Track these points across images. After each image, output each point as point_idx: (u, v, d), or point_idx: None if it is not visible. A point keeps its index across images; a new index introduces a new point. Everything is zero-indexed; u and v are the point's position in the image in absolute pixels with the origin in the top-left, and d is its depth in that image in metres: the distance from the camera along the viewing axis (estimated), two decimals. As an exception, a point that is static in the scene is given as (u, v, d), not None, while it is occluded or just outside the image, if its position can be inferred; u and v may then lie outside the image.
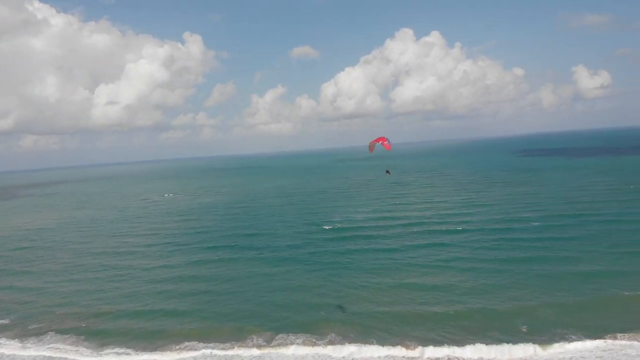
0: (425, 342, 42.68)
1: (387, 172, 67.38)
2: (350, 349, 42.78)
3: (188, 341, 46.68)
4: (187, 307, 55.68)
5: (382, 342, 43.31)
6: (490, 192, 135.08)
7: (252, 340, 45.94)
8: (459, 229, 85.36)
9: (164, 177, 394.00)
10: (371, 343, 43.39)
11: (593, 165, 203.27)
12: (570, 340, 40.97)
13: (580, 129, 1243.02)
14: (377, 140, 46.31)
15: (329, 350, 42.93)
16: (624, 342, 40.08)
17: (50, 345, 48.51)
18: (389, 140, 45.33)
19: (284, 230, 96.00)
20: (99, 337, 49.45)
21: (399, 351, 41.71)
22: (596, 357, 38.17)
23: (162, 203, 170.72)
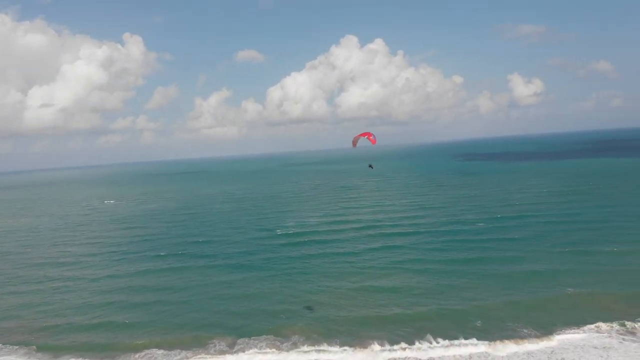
0: (386, 343, 43.42)
1: (370, 166, 68.13)
2: (313, 355, 42.78)
3: (148, 349, 45.05)
4: (141, 318, 53.53)
5: (344, 345, 43.63)
6: (436, 195, 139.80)
7: (215, 346, 45.10)
8: (410, 231, 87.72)
9: (103, 183, 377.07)
10: (334, 345, 43.65)
11: (529, 169, 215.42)
12: (522, 336, 43.11)
13: (516, 135, 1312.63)
14: (363, 134, 46.75)
15: (293, 356, 42.73)
16: (569, 336, 42.65)
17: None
18: (374, 136, 45.95)
19: (236, 237, 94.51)
20: (51, 352, 46.64)
21: (360, 353, 42.18)
22: (548, 351, 40.38)
23: (103, 210, 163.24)
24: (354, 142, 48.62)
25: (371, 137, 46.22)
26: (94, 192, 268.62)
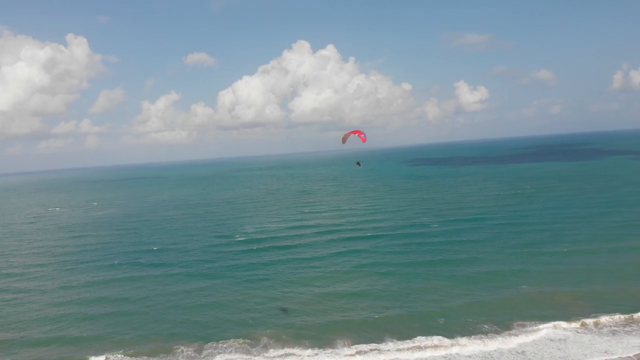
0: (354, 345, 44.00)
1: (358, 163, 68.66)
2: (283, 360, 42.78)
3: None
4: (99, 330, 51.36)
5: (314, 348, 43.88)
6: (392, 198, 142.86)
7: (183, 353, 44.21)
8: (370, 235, 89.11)
9: (46, 189, 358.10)
10: (304, 349, 43.80)
11: (477, 173, 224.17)
12: (484, 332, 44.96)
13: (462, 140, 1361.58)
14: (354, 132, 46.95)
15: (263, 363, 42.51)
16: (528, 330, 44.89)
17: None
18: (365, 134, 46.30)
19: (192, 244, 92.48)
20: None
21: (330, 356, 42.56)
22: (508, 346, 42.32)
23: (49, 218, 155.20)
24: (344, 140, 48.97)
25: (362, 136, 46.76)
26: (37, 199, 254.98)
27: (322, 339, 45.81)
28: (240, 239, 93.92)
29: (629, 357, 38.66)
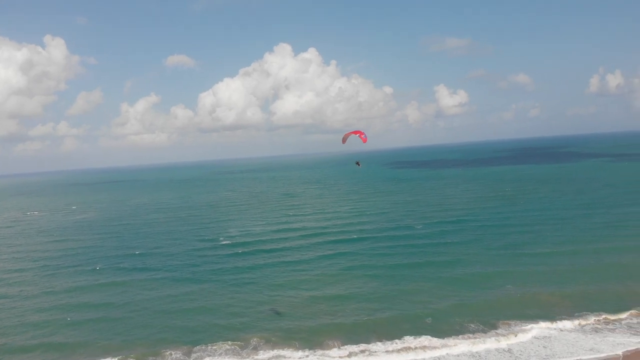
0: (344, 347, 44.19)
1: (357, 163, 68.78)
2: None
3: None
4: (83, 336, 50.38)
5: (305, 350, 43.95)
6: (376, 201, 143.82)
7: (171, 356, 43.82)
8: (355, 238, 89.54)
9: (23, 193, 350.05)
10: (294, 351, 43.79)
11: (458, 176, 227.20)
12: (471, 331, 45.65)
13: (443, 143, 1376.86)
14: (355, 132, 47.01)
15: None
16: (513, 329, 45.72)
17: None
18: (365, 134, 46.45)
19: (176, 248, 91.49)
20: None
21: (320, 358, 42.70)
22: (495, 344, 43.01)
23: (28, 222, 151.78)
24: (344, 139, 49.10)
25: (362, 136, 46.96)
26: (15, 202, 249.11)
27: (312, 340, 45.88)
28: (225, 242, 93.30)
29: (617, 354, 39.68)
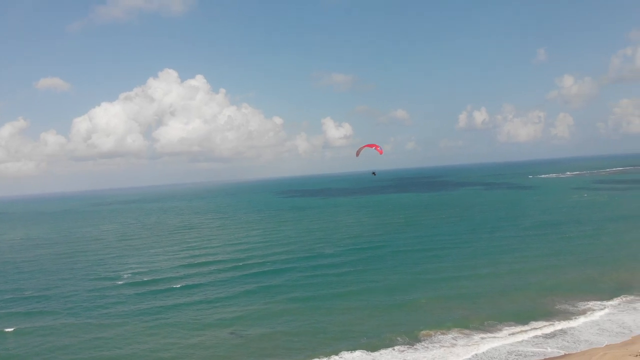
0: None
1: (373, 173, 69.00)
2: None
3: None
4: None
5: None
6: (284, 229, 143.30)
7: None
8: (272, 269, 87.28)
9: None
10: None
11: (350, 203, 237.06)
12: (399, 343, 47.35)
13: (331, 173, 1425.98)
14: (370, 145, 46.18)
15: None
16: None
17: None
18: (381, 147, 46.11)
19: (71, 287, 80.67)
20: None
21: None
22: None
23: None
24: (358, 152, 48.41)
25: (378, 149, 46.79)
26: None
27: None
28: (128, 280, 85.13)
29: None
